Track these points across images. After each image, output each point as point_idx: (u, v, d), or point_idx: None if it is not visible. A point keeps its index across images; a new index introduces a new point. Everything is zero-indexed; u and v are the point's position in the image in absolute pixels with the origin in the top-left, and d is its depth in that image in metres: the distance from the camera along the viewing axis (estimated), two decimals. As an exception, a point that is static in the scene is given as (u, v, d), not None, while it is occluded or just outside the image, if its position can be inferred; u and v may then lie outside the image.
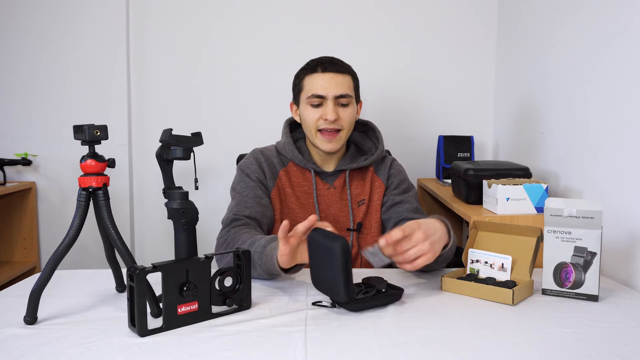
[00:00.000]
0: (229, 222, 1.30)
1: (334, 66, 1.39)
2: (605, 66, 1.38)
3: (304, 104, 1.40)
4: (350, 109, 1.40)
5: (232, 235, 1.24)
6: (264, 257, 1.09)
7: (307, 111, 1.40)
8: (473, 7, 2.28)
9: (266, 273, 1.12)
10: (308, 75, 1.40)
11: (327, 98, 1.37)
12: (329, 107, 1.36)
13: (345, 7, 2.28)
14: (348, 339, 0.88)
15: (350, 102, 1.40)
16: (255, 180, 1.40)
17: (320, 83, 1.37)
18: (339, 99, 1.38)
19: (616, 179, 1.32)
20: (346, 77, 1.39)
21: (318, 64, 1.40)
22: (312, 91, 1.38)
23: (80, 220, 0.94)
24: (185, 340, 0.87)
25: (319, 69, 1.39)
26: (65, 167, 2.29)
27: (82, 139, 0.94)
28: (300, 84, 1.43)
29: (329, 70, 1.38)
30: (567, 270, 1.09)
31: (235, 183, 1.43)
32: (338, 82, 1.37)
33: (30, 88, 2.27)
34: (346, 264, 0.93)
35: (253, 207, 1.35)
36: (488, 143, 2.34)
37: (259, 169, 1.42)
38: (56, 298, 1.05)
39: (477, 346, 0.85)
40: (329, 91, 1.36)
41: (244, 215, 1.31)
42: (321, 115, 1.37)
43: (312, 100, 1.38)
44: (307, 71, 1.41)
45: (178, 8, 2.28)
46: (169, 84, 2.30)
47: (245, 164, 1.44)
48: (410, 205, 1.42)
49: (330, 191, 1.44)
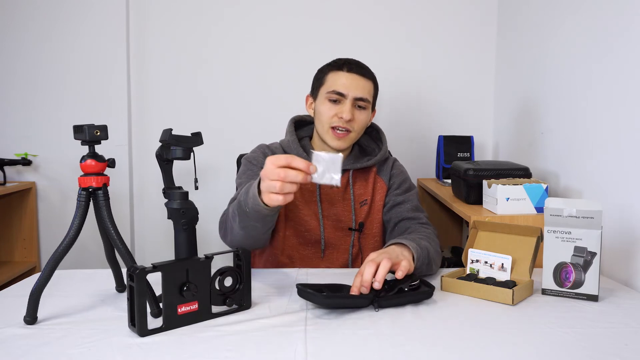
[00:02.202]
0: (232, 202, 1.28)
1: (359, 69, 1.40)
2: (605, 66, 1.38)
3: (323, 98, 1.40)
4: (365, 114, 1.41)
5: (231, 205, 1.21)
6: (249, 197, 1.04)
7: (324, 106, 1.40)
8: (473, 8, 2.28)
9: (254, 212, 1.05)
10: (333, 72, 1.41)
11: (346, 97, 1.37)
12: (346, 107, 1.37)
13: (345, 7, 2.28)
14: (348, 339, 0.88)
15: (367, 106, 1.40)
16: (261, 169, 1.38)
17: (343, 81, 1.38)
18: (358, 101, 1.38)
19: (616, 179, 1.32)
20: (368, 83, 1.41)
21: (345, 63, 1.41)
22: (334, 87, 1.38)
23: (80, 220, 0.94)
24: (185, 340, 0.87)
25: (344, 68, 1.40)
26: (65, 167, 2.29)
27: (82, 139, 0.94)
28: (322, 78, 1.43)
29: (354, 72, 1.39)
30: (567, 270, 1.09)
31: (242, 172, 1.42)
32: (360, 84, 1.38)
33: (30, 88, 2.27)
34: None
35: None
36: (488, 143, 2.35)
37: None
38: (56, 298, 1.05)
39: (477, 346, 0.85)
40: (350, 91, 1.37)
41: None
42: (337, 113, 1.37)
43: (332, 95, 1.38)
44: (333, 67, 1.42)
45: (178, 8, 2.28)
46: (169, 84, 2.31)
47: (252, 156, 1.44)
48: (410, 204, 1.43)
49: (334, 190, 1.44)
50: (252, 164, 1.42)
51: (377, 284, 1.01)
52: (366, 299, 1.00)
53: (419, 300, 1.04)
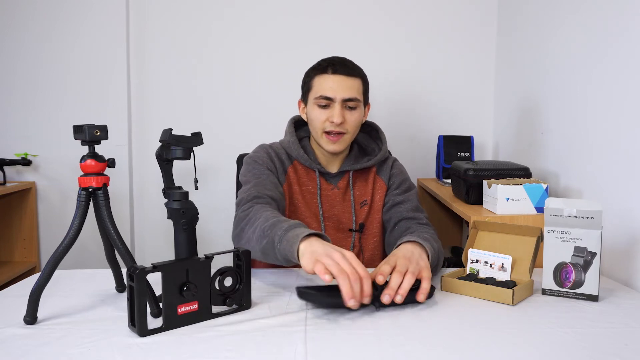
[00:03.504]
0: (251, 199, 1.25)
1: (344, 68, 1.37)
2: (605, 66, 1.38)
3: (312, 103, 1.39)
4: (357, 113, 1.39)
5: (255, 210, 1.18)
6: (284, 243, 1.03)
7: (314, 111, 1.39)
8: (473, 8, 2.28)
9: (283, 258, 1.06)
10: (318, 75, 1.39)
11: (335, 100, 1.35)
12: (336, 110, 1.35)
13: (344, 8, 2.28)
14: (348, 339, 0.88)
15: (357, 105, 1.38)
16: (267, 169, 1.38)
17: (329, 85, 1.36)
18: (347, 102, 1.36)
19: (616, 179, 1.32)
20: (356, 81, 1.38)
21: (329, 64, 1.38)
22: (321, 92, 1.36)
23: (80, 220, 0.94)
24: (185, 340, 0.87)
25: (329, 70, 1.37)
26: (65, 167, 2.29)
27: (82, 139, 0.94)
28: (309, 82, 1.41)
29: (340, 73, 1.36)
30: (567, 270, 1.09)
31: (247, 171, 1.39)
32: (347, 85, 1.36)
33: (30, 88, 2.28)
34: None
35: (272, 190, 1.32)
36: (488, 143, 2.35)
37: (270, 161, 1.40)
38: (56, 298, 1.05)
39: (477, 346, 0.85)
40: (337, 94, 1.35)
41: (266, 194, 1.28)
42: (328, 117, 1.36)
43: (320, 101, 1.37)
44: (318, 71, 1.39)
45: (178, 8, 2.28)
46: (169, 84, 2.31)
47: (256, 156, 1.42)
48: (410, 204, 1.42)
49: (334, 192, 1.44)
50: (257, 163, 1.39)
51: (399, 298, 0.99)
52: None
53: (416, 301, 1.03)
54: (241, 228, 1.20)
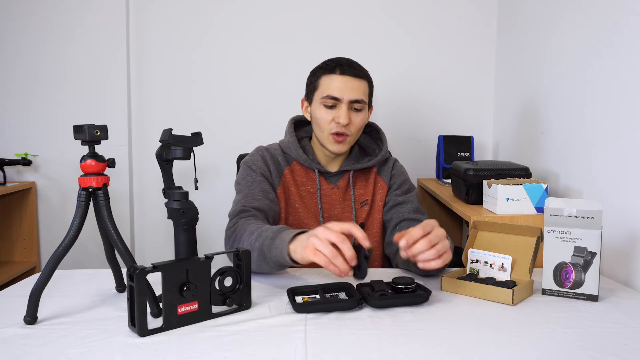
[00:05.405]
0: (237, 214, 1.29)
1: (352, 70, 1.37)
2: (604, 66, 1.38)
3: (318, 103, 1.39)
4: (362, 115, 1.39)
5: (240, 225, 1.23)
6: (274, 251, 1.07)
7: (320, 111, 1.38)
8: (473, 8, 2.28)
9: (276, 264, 1.10)
10: (325, 75, 1.38)
11: (341, 101, 1.35)
12: (342, 111, 1.35)
13: (345, 7, 2.28)
14: (348, 339, 0.88)
15: (363, 107, 1.38)
16: (260, 175, 1.39)
17: (336, 85, 1.35)
18: (353, 104, 1.36)
19: (616, 179, 1.32)
20: (363, 83, 1.38)
21: (337, 65, 1.37)
22: (328, 92, 1.36)
23: (80, 220, 0.94)
24: (185, 340, 0.87)
25: (337, 71, 1.36)
26: (65, 167, 2.29)
27: (82, 139, 0.94)
28: (316, 82, 1.41)
29: (347, 74, 1.36)
30: (567, 270, 1.09)
31: (241, 177, 1.41)
32: (355, 86, 1.36)
33: (30, 88, 2.28)
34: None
35: (261, 199, 1.34)
36: (488, 143, 2.35)
37: (264, 165, 1.41)
38: (56, 298, 1.05)
39: (477, 346, 0.85)
40: (344, 94, 1.35)
41: (252, 207, 1.30)
42: (333, 118, 1.36)
43: (327, 101, 1.36)
44: (325, 71, 1.39)
45: (178, 8, 2.28)
46: (169, 84, 2.31)
47: (250, 160, 1.43)
48: (411, 205, 1.42)
49: (334, 191, 1.44)
50: (251, 169, 1.40)
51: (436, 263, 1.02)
52: (354, 301, 1.00)
53: (414, 303, 1.03)
54: (230, 246, 1.25)
